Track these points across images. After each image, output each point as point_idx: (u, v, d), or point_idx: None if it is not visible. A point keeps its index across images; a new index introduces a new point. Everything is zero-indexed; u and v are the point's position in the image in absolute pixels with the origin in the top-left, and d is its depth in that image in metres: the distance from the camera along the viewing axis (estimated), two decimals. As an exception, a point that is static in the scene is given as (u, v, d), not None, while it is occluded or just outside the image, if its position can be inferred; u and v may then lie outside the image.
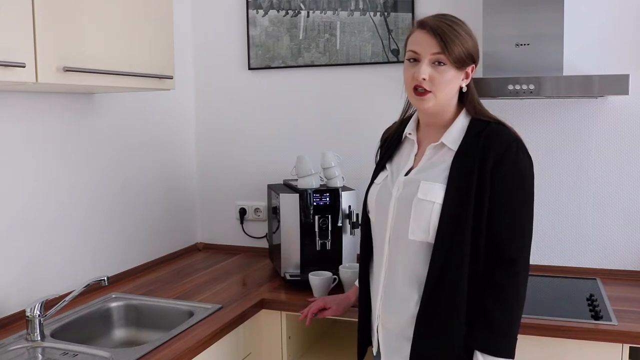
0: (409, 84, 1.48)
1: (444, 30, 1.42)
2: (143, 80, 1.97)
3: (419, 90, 1.45)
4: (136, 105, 2.46)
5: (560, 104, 2.33)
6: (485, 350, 1.39)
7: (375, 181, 1.63)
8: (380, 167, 1.64)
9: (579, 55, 2.26)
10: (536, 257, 2.40)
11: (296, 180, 2.34)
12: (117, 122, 2.35)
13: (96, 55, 1.76)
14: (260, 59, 2.73)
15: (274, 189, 2.39)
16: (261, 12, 2.70)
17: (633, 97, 2.22)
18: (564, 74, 2.12)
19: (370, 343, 1.66)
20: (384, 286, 1.54)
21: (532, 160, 1.46)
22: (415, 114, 1.61)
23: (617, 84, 1.94)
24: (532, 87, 1.99)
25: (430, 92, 1.44)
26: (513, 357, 1.41)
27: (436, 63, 1.43)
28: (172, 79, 2.10)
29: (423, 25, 1.46)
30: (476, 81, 2.05)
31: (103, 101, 2.28)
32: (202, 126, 2.88)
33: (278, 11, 2.68)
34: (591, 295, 2.04)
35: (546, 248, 2.38)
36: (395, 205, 1.50)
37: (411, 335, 1.45)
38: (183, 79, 2.74)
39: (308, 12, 2.63)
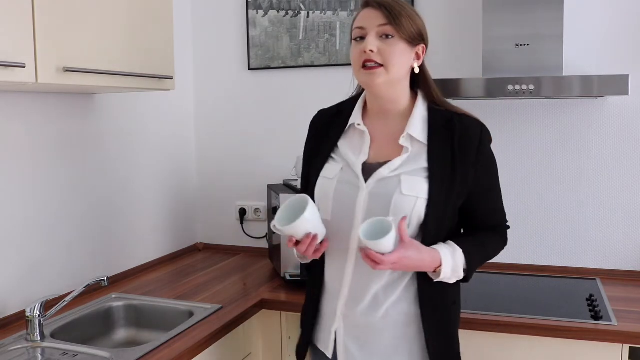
0: (356, 62, 1.39)
1: (389, 3, 1.37)
2: (143, 80, 1.97)
3: (368, 65, 1.37)
4: (136, 105, 2.46)
5: (560, 104, 2.33)
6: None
7: (325, 174, 1.48)
8: (323, 158, 1.51)
9: (579, 55, 2.26)
10: (536, 257, 2.41)
11: (296, 180, 2.34)
12: (117, 122, 2.35)
13: (96, 55, 1.76)
14: (260, 59, 2.73)
15: (274, 189, 2.39)
16: (261, 12, 2.70)
17: (633, 97, 2.22)
18: (564, 74, 2.12)
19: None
20: (351, 287, 1.44)
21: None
22: (360, 101, 1.51)
23: (617, 84, 1.94)
24: (532, 87, 1.99)
25: (381, 66, 1.36)
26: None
27: (384, 36, 1.37)
28: (172, 79, 2.10)
29: (367, 3, 1.41)
30: (476, 81, 2.07)
31: (103, 101, 2.28)
32: (202, 126, 2.88)
33: (278, 11, 2.68)
34: (591, 296, 2.04)
35: (546, 248, 2.38)
36: (367, 201, 1.40)
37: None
38: (183, 79, 2.74)
39: (308, 13, 2.63)
